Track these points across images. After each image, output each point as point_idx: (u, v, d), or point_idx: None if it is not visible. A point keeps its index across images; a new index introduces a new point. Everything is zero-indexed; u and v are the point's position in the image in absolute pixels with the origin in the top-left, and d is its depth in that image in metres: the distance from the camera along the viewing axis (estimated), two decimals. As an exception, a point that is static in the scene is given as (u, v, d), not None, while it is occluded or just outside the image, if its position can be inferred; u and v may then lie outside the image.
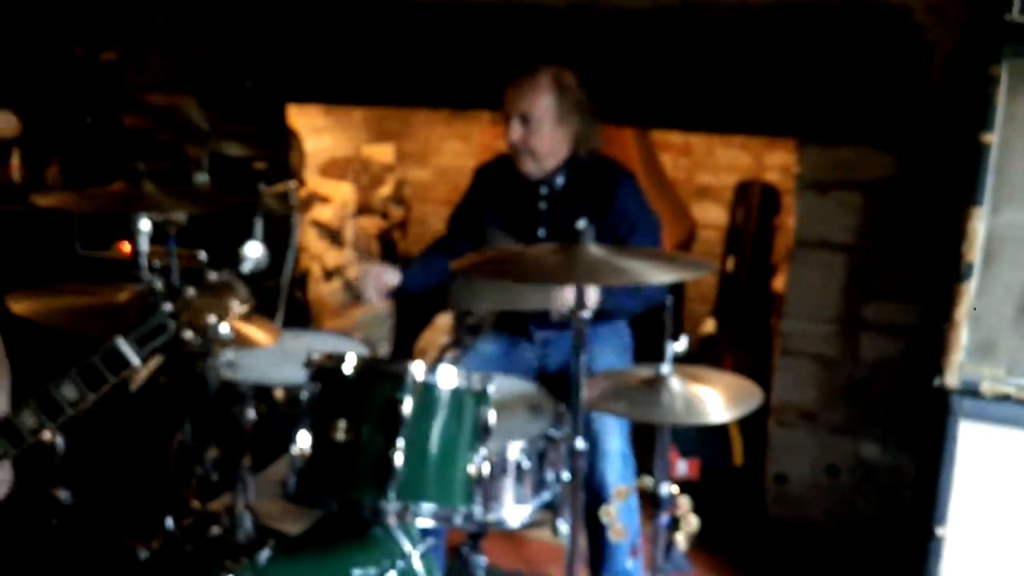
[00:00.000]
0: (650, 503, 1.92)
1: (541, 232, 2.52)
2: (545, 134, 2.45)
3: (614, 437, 2.31)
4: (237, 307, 1.51)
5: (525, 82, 2.45)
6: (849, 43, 2.69)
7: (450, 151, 4.69)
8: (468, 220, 2.67)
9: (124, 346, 1.43)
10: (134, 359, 1.44)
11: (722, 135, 3.93)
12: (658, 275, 1.83)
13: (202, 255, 1.54)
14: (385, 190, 4.28)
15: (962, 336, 2.11)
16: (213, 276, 1.52)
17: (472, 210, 2.68)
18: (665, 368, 1.84)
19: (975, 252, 2.09)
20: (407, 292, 2.55)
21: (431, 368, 1.70)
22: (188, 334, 1.49)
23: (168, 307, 1.46)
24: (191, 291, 1.50)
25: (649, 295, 2.44)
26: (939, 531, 2.11)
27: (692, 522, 1.89)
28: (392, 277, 2.47)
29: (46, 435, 1.49)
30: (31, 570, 2.34)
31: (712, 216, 4.37)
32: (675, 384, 1.84)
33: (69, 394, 1.42)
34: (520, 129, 2.44)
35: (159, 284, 1.49)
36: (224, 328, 1.52)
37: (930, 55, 2.62)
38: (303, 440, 1.68)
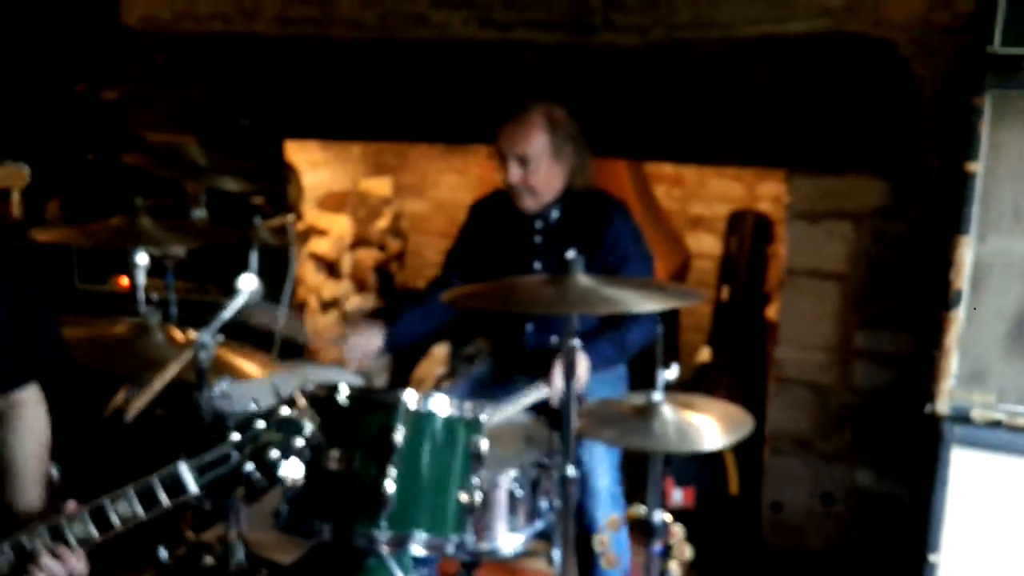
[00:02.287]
0: (644, 532, 1.93)
1: (537, 265, 2.54)
2: (542, 171, 2.47)
3: (603, 475, 2.32)
4: (300, 443, 1.46)
5: (518, 123, 2.46)
6: (837, 75, 2.74)
7: (447, 184, 4.74)
8: (464, 256, 2.69)
9: (185, 473, 1.42)
10: (192, 487, 1.42)
11: (714, 166, 3.98)
12: (646, 303, 1.85)
13: (275, 385, 1.50)
14: (382, 223, 4.32)
15: (952, 363, 2.13)
16: (285, 411, 1.47)
17: (468, 246, 2.70)
18: (657, 396, 1.86)
19: (963, 280, 2.12)
20: (398, 347, 2.55)
21: (423, 397, 1.72)
22: (250, 467, 1.45)
23: (235, 437, 1.45)
24: (261, 424, 1.46)
25: (636, 339, 2.44)
26: (932, 558, 2.11)
27: (686, 551, 1.90)
28: (375, 341, 2.47)
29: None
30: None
31: (706, 246, 4.40)
32: (667, 412, 1.85)
33: (123, 511, 1.42)
34: (518, 170, 2.45)
35: (231, 420, 1.45)
36: (290, 468, 1.46)
37: (916, 86, 2.67)
38: (296, 470, 1.69)
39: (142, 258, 2.02)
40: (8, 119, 3.93)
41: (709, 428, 1.84)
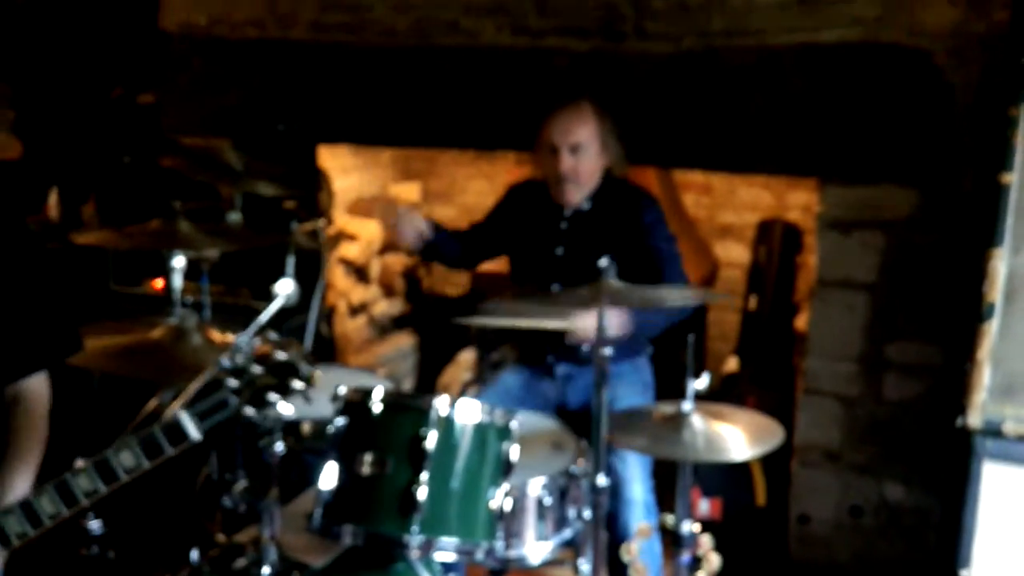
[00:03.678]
0: (671, 542, 1.92)
1: (559, 250, 2.57)
2: (591, 160, 2.52)
3: (637, 485, 2.32)
4: (299, 386, 1.51)
5: (570, 112, 2.52)
6: (870, 84, 2.72)
7: (475, 190, 4.76)
8: (490, 228, 2.77)
9: (186, 420, 1.45)
10: (194, 433, 1.46)
11: (745, 175, 3.96)
12: (679, 296, 1.85)
13: (272, 334, 1.55)
14: (411, 228, 4.34)
15: (985, 376, 2.11)
16: (280, 355, 1.51)
17: (496, 221, 2.77)
18: (687, 405, 1.86)
19: (996, 292, 2.10)
20: (432, 247, 2.68)
21: (455, 403, 1.73)
22: (249, 411, 1.49)
23: (232, 383, 1.48)
24: (257, 369, 1.50)
25: (668, 314, 2.43)
26: (963, 573, 2.09)
27: (714, 561, 1.89)
28: (423, 225, 2.61)
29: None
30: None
31: (734, 255, 4.38)
32: (696, 421, 1.85)
33: (126, 461, 1.44)
34: (571, 159, 2.49)
35: (226, 361, 1.49)
36: (286, 408, 1.52)
37: (952, 96, 2.65)
38: (330, 473, 1.71)
39: (179, 261, 2.05)
40: (47, 122, 4.00)
41: (738, 438, 1.83)
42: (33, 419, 1.63)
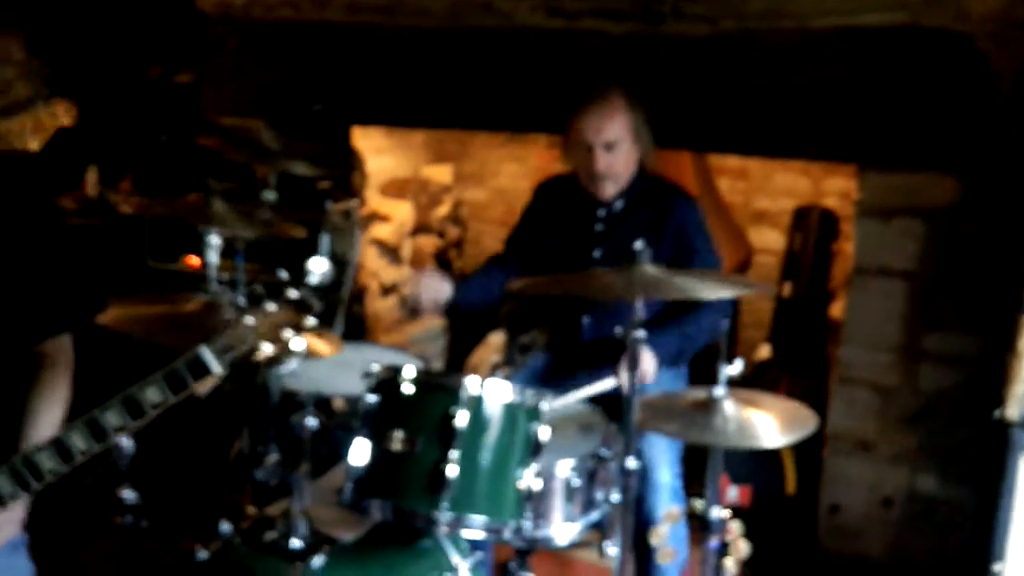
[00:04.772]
0: (700, 527, 1.92)
1: (596, 253, 2.53)
2: (626, 154, 2.45)
3: (665, 470, 2.31)
4: (312, 323, 1.57)
5: (602, 108, 2.42)
6: (912, 69, 2.67)
7: (507, 173, 4.75)
8: (526, 238, 2.69)
9: (207, 355, 1.50)
10: (215, 367, 1.51)
11: (782, 160, 3.92)
12: (713, 291, 1.83)
13: (283, 273, 1.61)
14: (443, 210, 4.35)
15: (1025, 367, 2.08)
16: (293, 293, 1.58)
17: (530, 228, 2.70)
18: (719, 390, 1.85)
19: (1039, 282, 2.06)
20: (460, 308, 2.56)
21: (486, 383, 1.73)
22: (266, 347, 1.55)
23: (250, 320, 1.53)
24: (272, 306, 1.56)
25: (701, 332, 2.40)
26: (997, 567, 2.06)
27: (742, 548, 1.88)
28: (445, 290, 2.48)
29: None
30: (90, 566, 2.42)
31: (769, 241, 4.34)
32: (728, 407, 1.83)
33: (152, 397, 1.48)
34: (606, 156, 2.42)
35: (241, 298, 1.56)
36: (299, 343, 1.57)
37: (996, 83, 2.59)
38: (361, 449, 1.73)
39: (215, 238, 2.07)
40: (86, 100, 4.06)
41: (770, 425, 1.82)
42: (57, 377, 1.69)
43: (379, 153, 3.68)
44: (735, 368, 1.85)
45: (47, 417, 1.64)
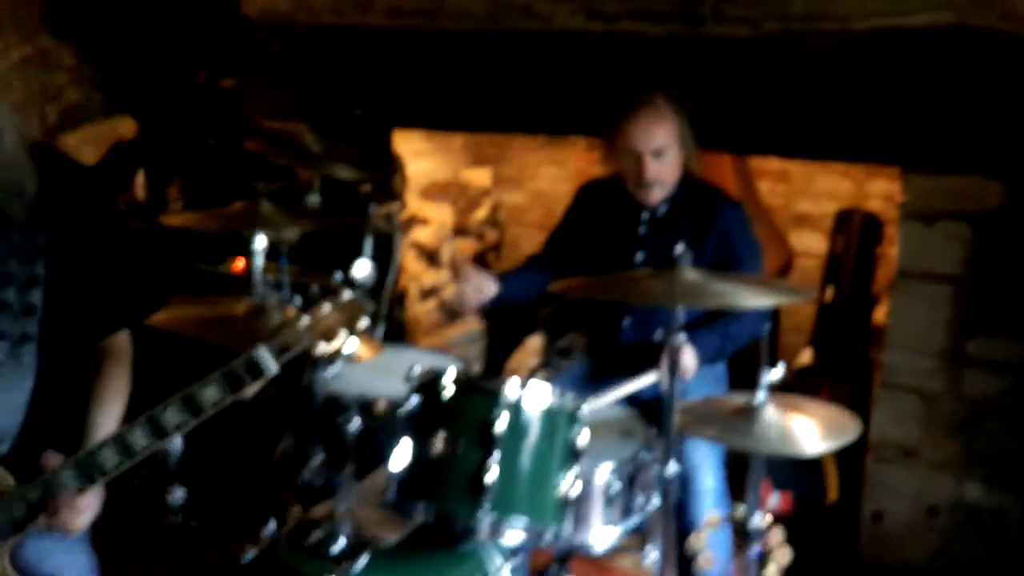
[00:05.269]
0: (740, 534, 1.91)
1: (639, 256, 2.53)
2: (673, 160, 2.45)
3: (708, 475, 2.30)
4: (366, 324, 1.62)
5: (649, 116, 2.41)
6: (958, 70, 2.63)
7: (545, 176, 4.76)
8: (566, 240, 2.69)
9: (264, 355, 1.55)
10: (272, 367, 1.55)
11: (823, 162, 3.87)
12: (754, 298, 1.82)
13: (338, 275, 1.66)
14: (481, 213, 4.37)
15: (1075, 375, 2.03)
16: (347, 294, 1.62)
17: (571, 230, 2.69)
18: (760, 396, 1.83)
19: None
20: (503, 302, 2.56)
21: (526, 387, 1.74)
22: (321, 347, 1.60)
23: (305, 321, 1.58)
24: (327, 307, 1.61)
25: (743, 332, 2.39)
26: (1047, 577, 2.03)
27: (784, 555, 1.87)
28: (490, 287, 2.48)
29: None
30: (141, 565, 2.48)
31: (811, 244, 4.28)
32: (770, 413, 1.82)
33: (211, 396, 1.54)
34: (656, 164, 2.41)
35: (298, 299, 1.60)
36: (353, 344, 1.62)
37: (1044, 83, 2.55)
38: (403, 451, 1.75)
39: (260, 241, 2.10)
40: (134, 104, 4.14)
41: (812, 432, 1.80)
42: (119, 370, 1.74)
43: (419, 156, 3.71)
44: (776, 373, 1.84)
45: (111, 407, 1.69)
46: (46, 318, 1.63)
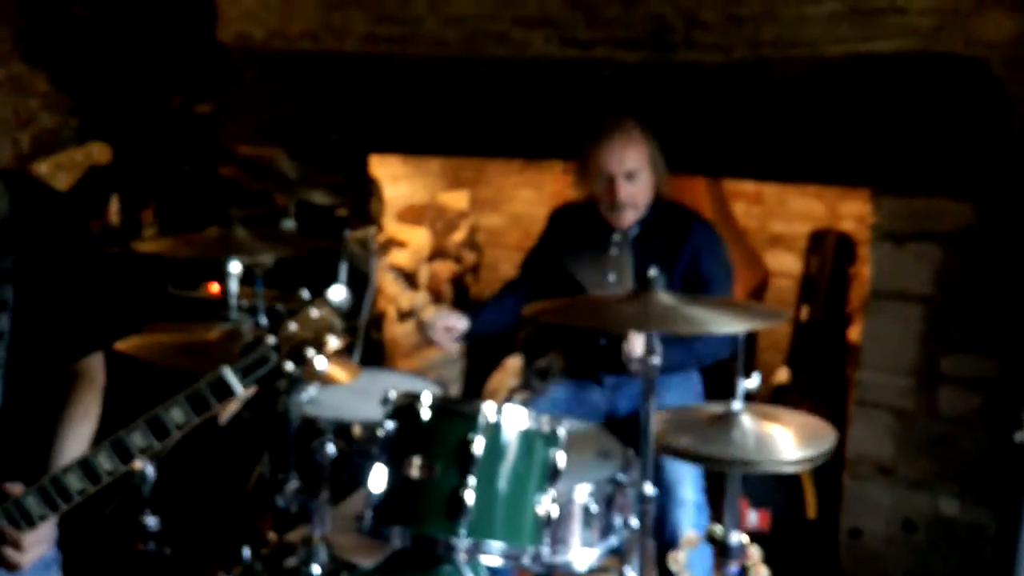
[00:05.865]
0: (719, 552, 1.91)
1: (611, 277, 2.55)
2: (645, 182, 2.50)
3: (688, 486, 2.31)
4: (335, 342, 1.58)
5: (622, 138, 2.46)
6: (926, 95, 2.68)
7: (522, 199, 4.78)
8: (541, 263, 2.72)
9: (230, 375, 1.52)
10: (238, 388, 1.52)
11: (796, 184, 3.92)
12: (726, 324, 1.84)
13: (305, 293, 1.63)
14: (459, 236, 4.38)
15: (1044, 390, 2.06)
16: (315, 313, 1.60)
17: (545, 254, 2.72)
18: (737, 404, 1.84)
19: (1056, 305, 2.05)
20: (477, 336, 2.60)
21: (503, 409, 1.74)
22: (289, 366, 1.57)
23: (271, 340, 1.55)
24: (293, 325, 1.58)
25: (709, 352, 2.43)
26: (1021, 592, 2.04)
27: (762, 573, 1.87)
28: (460, 323, 2.52)
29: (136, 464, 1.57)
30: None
31: (785, 265, 4.33)
32: (747, 421, 1.82)
33: (177, 418, 1.51)
34: (628, 186, 2.46)
35: (261, 319, 1.58)
36: (322, 362, 1.59)
37: (1011, 108, 2.60)
38: (379, 475, 1.74)
39: (235, 266, 2.10)
40: (108, 130, 4.13)
41: (789, 440, 1.81)
42: (89, 395, 1.73)
43: (396, 180, 3.72)
44: (753, 382, 1.84)
45: (79, 431, 1.68)
46: (13, 343, 1.62)
